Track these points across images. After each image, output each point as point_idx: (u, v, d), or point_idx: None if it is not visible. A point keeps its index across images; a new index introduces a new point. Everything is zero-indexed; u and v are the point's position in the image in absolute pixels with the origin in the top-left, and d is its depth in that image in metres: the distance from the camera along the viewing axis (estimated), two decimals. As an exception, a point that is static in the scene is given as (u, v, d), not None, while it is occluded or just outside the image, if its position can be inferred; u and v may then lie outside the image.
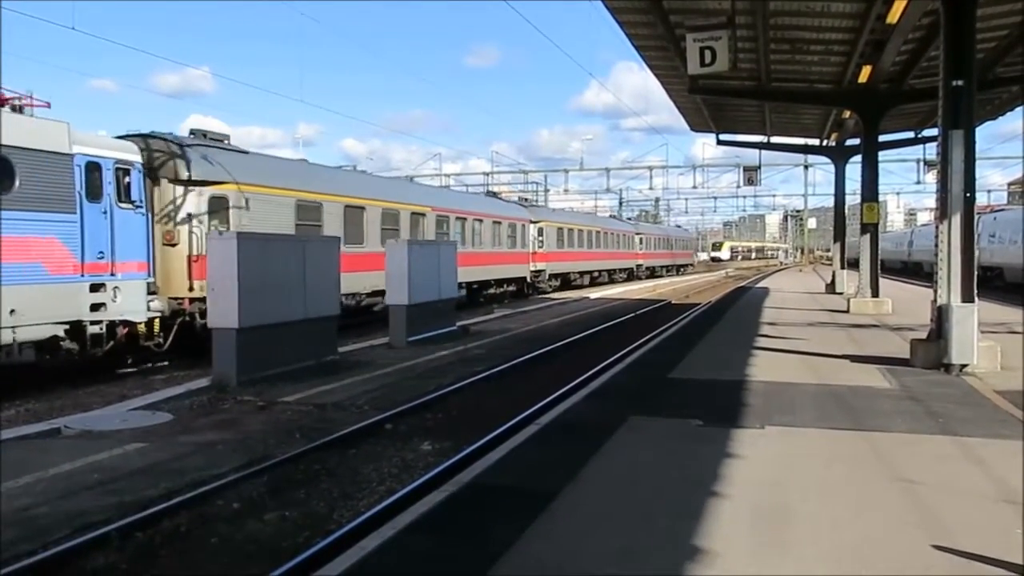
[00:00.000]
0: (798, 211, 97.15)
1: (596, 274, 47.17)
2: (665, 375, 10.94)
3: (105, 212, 13.27)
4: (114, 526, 5.99)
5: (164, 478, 7.29)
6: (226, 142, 18.18)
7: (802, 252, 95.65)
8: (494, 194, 40.15)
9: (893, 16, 14.69)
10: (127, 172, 13.82)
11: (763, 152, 41.16)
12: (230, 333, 11.63)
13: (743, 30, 16.01)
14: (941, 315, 11.04)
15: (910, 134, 28.68)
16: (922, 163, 48.09)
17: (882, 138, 24.01)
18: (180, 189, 15.44)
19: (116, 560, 5.63)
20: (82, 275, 12.69)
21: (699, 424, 7.81)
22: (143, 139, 15.36)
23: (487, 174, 61.76)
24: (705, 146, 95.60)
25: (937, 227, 11.60)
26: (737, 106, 25.65)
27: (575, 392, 10.13)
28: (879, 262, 22.63)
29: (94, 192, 13.07)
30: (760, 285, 38.74)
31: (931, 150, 33.17)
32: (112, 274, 13.19)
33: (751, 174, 48.01)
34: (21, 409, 11.23)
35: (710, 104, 24.62)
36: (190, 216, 15.49)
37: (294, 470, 7.77)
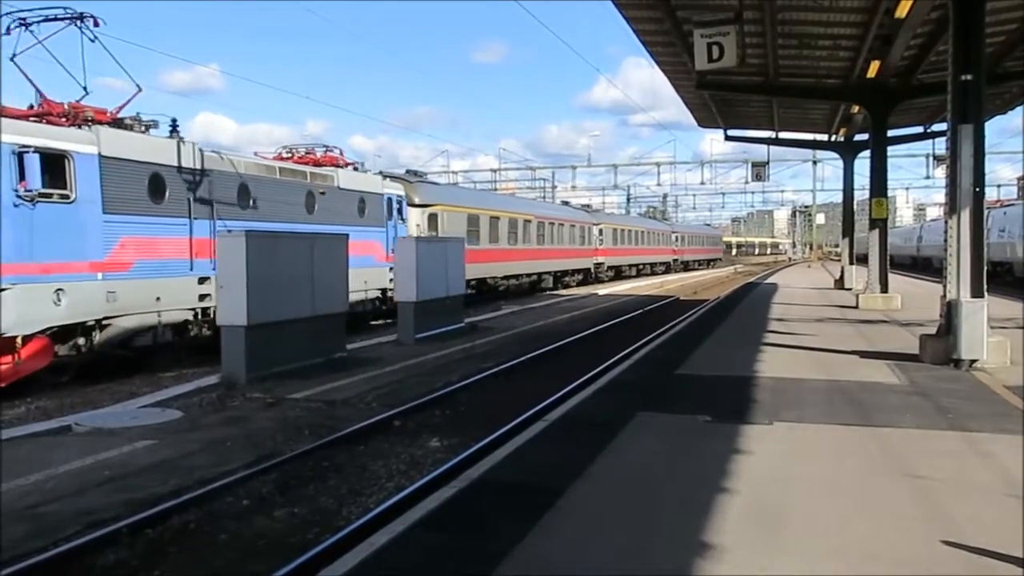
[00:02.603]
0: (806, 207, 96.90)
1: (641, 266, 55.07)
2: (673, 371, 10.92)
3: (394, 226, 21.84)
4: (124, 523, 6.01)
5: (173, 475, 7.32)
6: (425, 177, 29.39)
7: (811, 248, 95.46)
8: (566, 203, 49.73)
9: (902, 11, 14.61)
10: (400, 201, 22.73)
11: (771, 148, 41.11)
12: (239, 330, 11.67)
13: (751, 25, 15.95)
14: (950, 310, 11.00)
15: (919, 129, 28.57)
16: (931, 158, 48.03)
17: (891, 133, 23.86)
18: (413, 209, 24.45)
19: (126, 557, 5.66)
20: (392, 264, 19.81)
21: (707, 420, 7.80)
22: (394, 179, 24.43)
23: (494, 171, 61.82)
24: (713, 142, 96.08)
25: (946, 222, 11.56)
26: (745, 101, 25.57)
27: (583, 388, 10.13)
28: (888, 257, 22.54)
29: (389, 214, 21.78)
30: (768, 281, 38.66)
31: (940, 145, 33.22)
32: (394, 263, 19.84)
33: (759, 170, 48.00)
34: (32, 407, 11.28)
35: (718, 100, 24.56)
36: (418, 226, 24.75)
37: (303, 467, 7.79)
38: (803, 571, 4.29)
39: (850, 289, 27.34)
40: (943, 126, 13.94)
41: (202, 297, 14.53)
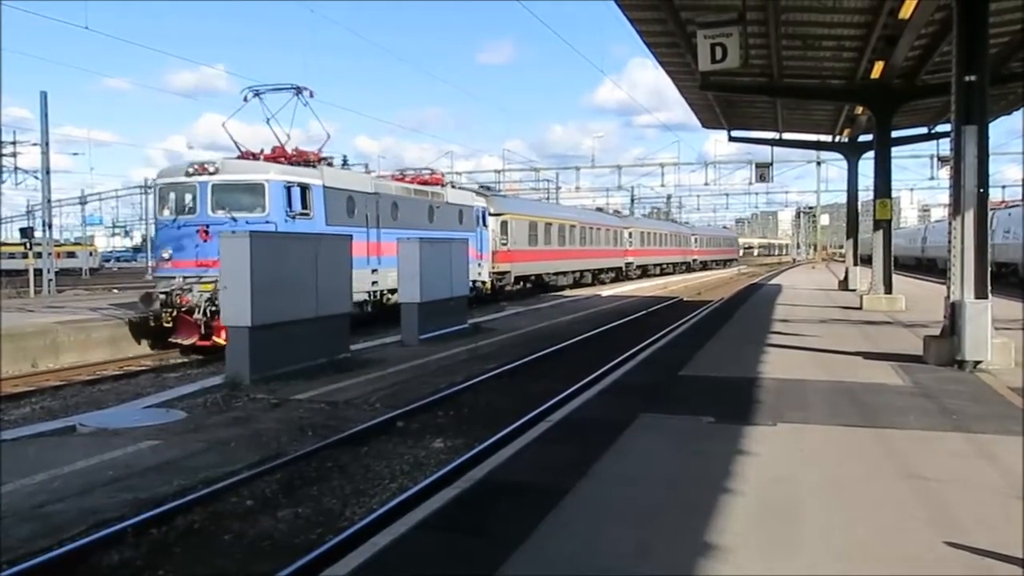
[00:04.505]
0: (811, 208, 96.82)
1: (664, 266, 59.72)
2: (676, 372, 10.91)
3: (481, 231, 27.58)
4: (129, 523, 6.04)
5: (178, 475, 7.34)
6: (494, 189, 39.91)
7: (815, 249, 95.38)
8: (600, 209, 56.07)
9: (905, 11, 14.60)
10: (484, 211, 28.51)
11: (775, 149, 41.00)
12: (243, 331, 11.67)
13: (754, 26, 15.96)
14: (954, 311, 10.99)
15: (923, 130, 28.52)
16: (935, 159, 47.93)
17: (895, 134, 23.85)
18: (489, 218, 29.34)
19: (131, 556, 5.69)
20: (479, 260, 27.08)
21: (711, 421, 7.80)
22: (477, 193, 30.68)
23: (498, 172, 61.87)
24: (717, 143, 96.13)
25: (950, 223, 11.54)
26: (749, 103, 25.55)
27: (586, 389, 10.13)
28: (892, 258, 22.50)
29: (478, 222, 27.43)
30: (773, 282, 38.62)
31: (944, 146, 32.99)
32: (480, 259, 27.14)
33: (763, 171, 47.94)
34: (37, 407, 11.34)
35: (721, 101, 24.55)
36: (493, 231, 29.72)
37: (307, 467, 7.81)
38: (807, 571, 4.30)
39: (854, 290, 27.29)
40: (947, 127, 13.88)
41: (373, 283, 20.07)
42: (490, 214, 29.49)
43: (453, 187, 27.76)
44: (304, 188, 17.67)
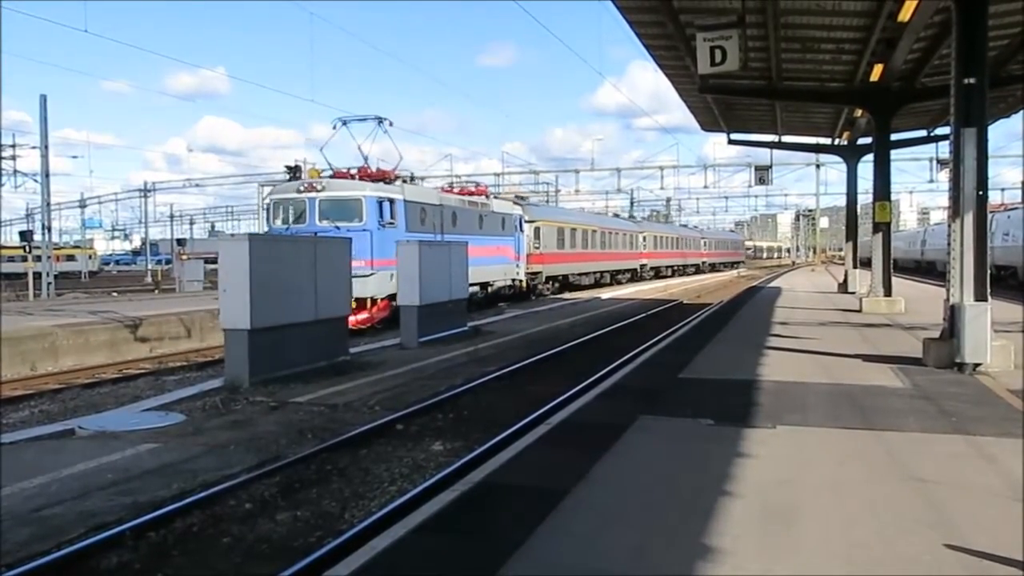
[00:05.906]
0: (810, 210, 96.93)
1: (676, 267, 62.49)
2: (676, 375, 10.90)
3: (518, 235, 31.24)
4: (127, 526, 6.03)
5: (177, 478, 7.33)
6: (528, 199, 41.81)
7: (814, 251, 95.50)
8: (616, 215, 61.10)
9: (904, 14, 14.61)
10: (521, 219, 31.98)
11: (775, 151, 41.04)
12: (242, 334, 11.65)
13: (753, 29, 15.96)
14: (954, 314, 10.98)
15: (923, 132, 28.49)
16: (935, 162, 47.98)
17: (894, 137, 23.83)
18: (525, 225, 32.81)
19: (130, 560, 5.68)
20: (517, 261, 31.05)
21: (710, 423, 7.79)
22: (514, 202, 33.56)
23: (498, 175, 61.91)
24: (716, 146, 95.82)
25: (950, 226, 11.54)
26: (748, 105, 25.56)
27: (585, 392, 10.12)
28: (892, 261, 22.49)
29: (516, 228, 31.01)
30: (772, 285, 38.62)
31: (944, 148, 33.05)
32: (518, 261, 31.11)
33: (762, 173, 47.83)
34: (36, 410, 11.34)
35: (721, 103, 24.55)
36: (527, 236, 32.96)
37: (306, 470, 7.80)
38: (806, 573, 4.29)
39: (853, 293, 27.28)
40: (947, 130, 13.91)
41: None
42: (525, 221, 33.05)
43: (496, 198, 32.19)
44: (392, 202, 21.38)
